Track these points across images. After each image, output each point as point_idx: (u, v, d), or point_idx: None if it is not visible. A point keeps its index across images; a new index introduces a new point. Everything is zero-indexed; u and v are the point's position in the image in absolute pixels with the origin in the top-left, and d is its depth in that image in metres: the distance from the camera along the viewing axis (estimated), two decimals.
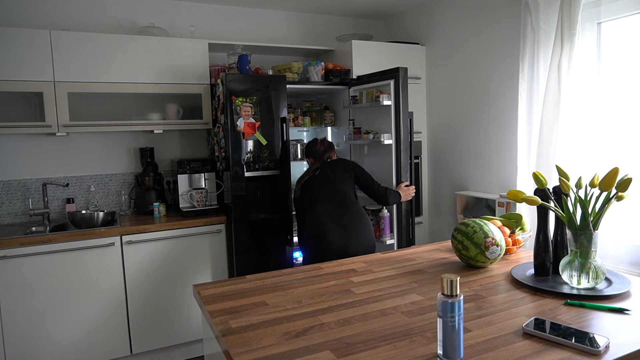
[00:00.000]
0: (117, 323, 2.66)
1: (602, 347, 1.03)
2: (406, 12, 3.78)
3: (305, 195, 2.60)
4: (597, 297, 1.35)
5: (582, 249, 1.38)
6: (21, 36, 2.57)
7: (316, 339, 1.13)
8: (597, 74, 2.37)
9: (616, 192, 1.36)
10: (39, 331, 2.48)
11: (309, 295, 1.44)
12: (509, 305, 1.32)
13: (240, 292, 1.49)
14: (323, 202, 2.53)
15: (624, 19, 2.27)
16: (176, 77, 2.96)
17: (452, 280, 0.99)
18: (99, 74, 2.77)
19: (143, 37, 2.88)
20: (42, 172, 3.00)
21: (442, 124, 3.50)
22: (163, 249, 2.76)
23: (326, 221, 2.47)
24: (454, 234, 1.69)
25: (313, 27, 3.78)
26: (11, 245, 2.39)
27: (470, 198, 3.20)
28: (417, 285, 1.50)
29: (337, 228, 2.45)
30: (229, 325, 1.22)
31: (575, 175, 1.54)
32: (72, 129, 2.75)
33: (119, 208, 3.18)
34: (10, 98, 2.72)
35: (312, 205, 2.55)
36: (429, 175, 3.67)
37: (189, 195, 3.02)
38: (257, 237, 2.87)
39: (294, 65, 3.13)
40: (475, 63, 3.14)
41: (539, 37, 2.47)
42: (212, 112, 3.07)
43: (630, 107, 2.28)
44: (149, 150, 3.14)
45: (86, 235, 2.55)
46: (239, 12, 3.51)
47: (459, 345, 1.00)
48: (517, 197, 1.47)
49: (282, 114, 2.89)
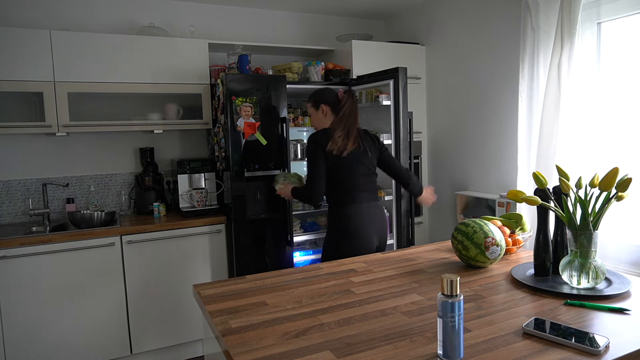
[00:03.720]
0: (117, 323, 2.66)
1: (602, 347, 1.03)
2: (406, 12, 3.78)
3: (341, 177, 2.23)
4: (597, 297, 1.34)
5: (582, 249, 1.38)
6: (21, 36, 2.57)
7: (316, 339, 1.13)
8: (597, 74, 2.37)
9: (616, 192, 1.36)
10: (39, 331, 2.48)
11: (309, 295, 1.44)
12: (509, 305, 1.32)
13: (240, 292, 1.48)
14: (361, 191, 2.25)
15: (624, 19, 2.27)
16: (176, 77, 2.96)
17: (452, 280, 0.99)
18: (99, 74, 2.77)
19: (143, 37, 2.88)
20: (42, 172, 3.00)
21: (442, 124, 3.50)
22: (163, 249, 2.76)
23: (366, 217, 2.22)
24: (454, 234, 1.69)
25: (313, 27, 3.78)
26: (11, 245, 2.39)
27: (470, 198, 3.20)
28: (417, 285, 1.50)
29: (375, 228, 2.25)
30: (229, 325, 1.22)
31: (575, 175, 1.54)
32: (72, 129, 2.75)
33: (119, 208, 3.18)
34: (10, 98, 2.72)
35: (348, 193, 2.23)
36: (429, 175, 3.67)
37: (189, 195, 3.02)
38: (257, 237, 2.87)
39: (294, 65, 3.13)
40: (475, 63, 3.14)
41: (539, 37, 2.47)
42: (212, 112, 3.07)
43: (630, 107, 2.28)
44: (149, 150, 3.14)
45: (86, 235, 2.55)
46: (239, 12, 3.51)
47: (459, 345, 1.00)
48: (517, 197, 1.47)
49: (282, 114, 2.89)
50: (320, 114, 2.36)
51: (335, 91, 2.38)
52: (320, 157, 2.20)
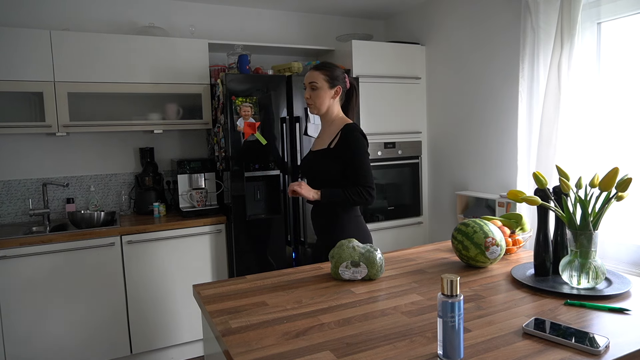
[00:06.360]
0: (117, 323, 2.66)
1: (602, 347, 1.03)
2: (406, 12, 3.78)
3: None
4: (597, 297, 1.34)
5: (582, 249, 1.38)
6: (21, 36, 2.57)
7: (316, 339, 1.13)
8: (597, 74, 2.37)
9: (616, 192, 1.36)
10: (39, 331, 2.48)
11: (309, 295, 1.44)
12: (509, 305, 1.32)
13: (240, 292, 1.48)
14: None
15: (624, 19, 2.27)
16: (176, 77, 2.96)
17: (452, 280, 0.99)
18: (99, 74, 2.77)
19: (143, 37, 2.88)
20: (42, 172, 3.00)
21: (442, 124, 3.49)
22: (163, 249, 2.76)
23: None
24: (454, 234, 1.69)
25: (313, 27, 3.78)
26: (11, 245, 2.39)
27: (470, 198, 3.20)
28: (417, 285, 1.50)
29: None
30: (229, 325, 1.22)
31: (575, 175, 1.54)
32: (72, 129, 2.75)
33: (119, 208, 3.18)
34: (10, 98, 2.72)
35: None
36: (429, 175, 3.67)
37: (189, 195, 3.02)
38: (257, 237, 2.87)
39: (294, 65, 3.13)
40: (475, 63, 3.14)
41: (539, 37, 2.47)
42: (212, 112, 3.07)
43: (630, 107, 2.28)
44: (148, 150, 3.14)
45: (86, 235, 2.55)
46: (239, 12, 3.51)
47: (459, 345, 1.00)
48: (517, 197, 1.47)
49: (282, 114, 2.89)
50: (330, 95, 2.00)
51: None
52: (367, 151, 1.97)
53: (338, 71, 2.01)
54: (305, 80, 2.01)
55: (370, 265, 1.54)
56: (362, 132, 1.96)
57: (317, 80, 1.97)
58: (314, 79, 1.98)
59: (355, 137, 1.92)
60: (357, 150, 1.91)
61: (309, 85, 2.00)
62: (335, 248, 1.60)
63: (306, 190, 1.92)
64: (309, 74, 2.01)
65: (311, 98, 2.00)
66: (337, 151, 1.94)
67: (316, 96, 1.98)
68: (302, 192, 1.91)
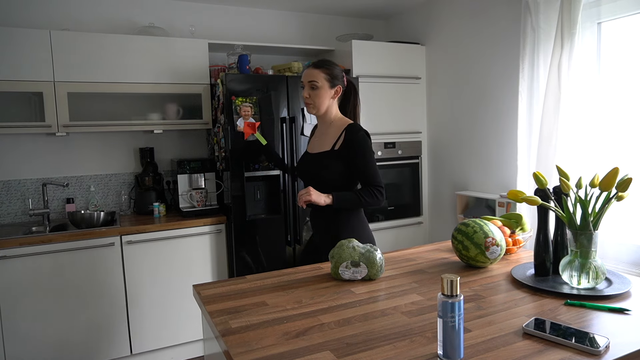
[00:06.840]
0: (117, 323, 2.66)
1: (602, 347, 1.03)
2: (406, 12, 3.78)
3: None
4: (597, 297, 1.34)
5: (582, 249, 1.38)
6: (21, 36, 2.57)
7: (316, 339, 1.13)
8: (597, 74, 2.37)
9: (616, 192, 1.36)
10: (39, 331, 2.48)
11: (309, 295, 1.44)
12: (509, 305, 1.32)
13: (240, 292, 1.48)
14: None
15: (624, 19, 2.27)
16: (176, 77, 2.96)
17: (452, 280, 0.99)
18: (99, 74, 2.77)
19: (143, 37, 2.88)
20: (42, 172, 3.00)
21: (442, 123, 3.49)
22: (163, 249, 2.76)
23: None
24: (454, 234, 1.69)
25: (313, 27, 3.78)
26: (11, 245, 2.39)
27: (470, 198, 3.20)
28: (417, 285, 1.50)
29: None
30: (229, 325, 1.22)
31: (575, 175, 1.54)
32: (72, 129, 2.75)
33: (119, 208, 3.18)
34: (10, 98, 2.72)
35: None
36: (429, 175, 3.67)
37: (188, 195, 3.02)
38: (257, 237, 2.87)
39: (294, 65, 3.13)
40: (475, 63, 3.14)
41: (539, 37, 2.47)
42: (212, 112, 3.07)
43: (630, 107, 2.28)
44: (148, 150, 3.14)
45: (86, 235, 2.55)
46: (239, 12, 3.51)
47: (459, 345, 1.00)
48: (517, 197, 1.47)
49: (282, 114, 2.89)
50: (330, 94, 1.92)
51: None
52: (373, 151, 1.92)
53: (337, 70, 1.94)
54: (304, 78, 1.92)
55: (370, 265, 1.54)
56: (366, 132, 1.90)
57: (318, 80, 1.89)
58: (314, 78, 1.89)
59: (361, 137, 1.86)
60: (364, 150, 1.86)
61: (309, 84, 1.90)
62: (335, 248, 1.60)
63: (316, 196, 1.82)
64: (308, 72, 1.92)
65: (310, 97, 1.91)
66: (342, 152, 1.87)
67: (316, 96, 1.90)
68: (313, 199, 1.82)
